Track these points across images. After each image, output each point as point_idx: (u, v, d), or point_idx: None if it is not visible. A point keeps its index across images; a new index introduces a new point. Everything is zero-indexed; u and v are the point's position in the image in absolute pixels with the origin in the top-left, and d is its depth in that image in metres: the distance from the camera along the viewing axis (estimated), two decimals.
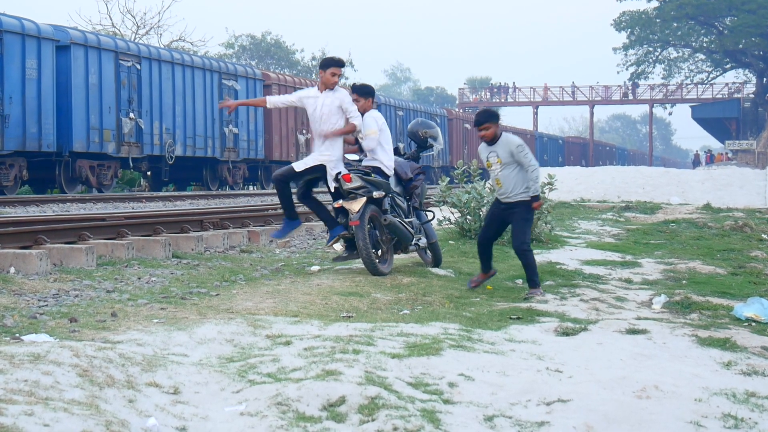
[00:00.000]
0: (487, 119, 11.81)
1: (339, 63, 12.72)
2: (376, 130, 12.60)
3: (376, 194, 12.29)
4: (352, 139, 12.83)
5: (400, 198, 12.99)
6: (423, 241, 13.26)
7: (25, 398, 5.62)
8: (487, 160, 11.92)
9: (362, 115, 12.64)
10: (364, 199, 12.23)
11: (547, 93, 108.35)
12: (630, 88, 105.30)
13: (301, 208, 13.95)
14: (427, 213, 13.80)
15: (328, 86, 12.52)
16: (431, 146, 13.68)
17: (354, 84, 13.22)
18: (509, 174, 11.73)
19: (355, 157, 12.80)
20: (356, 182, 12.28)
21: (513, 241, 11.87)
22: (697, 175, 36.31)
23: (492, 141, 11.82)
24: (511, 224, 11.96)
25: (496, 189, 11.98)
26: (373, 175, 12.48)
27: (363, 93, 12.90)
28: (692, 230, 21.02)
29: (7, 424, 5.10)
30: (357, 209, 12.20)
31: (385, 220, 12.45)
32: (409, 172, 13.19)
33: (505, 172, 11.75)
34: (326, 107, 12.48)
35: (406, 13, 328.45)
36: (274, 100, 13.25)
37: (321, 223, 19.88)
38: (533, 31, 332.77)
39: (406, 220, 12.90)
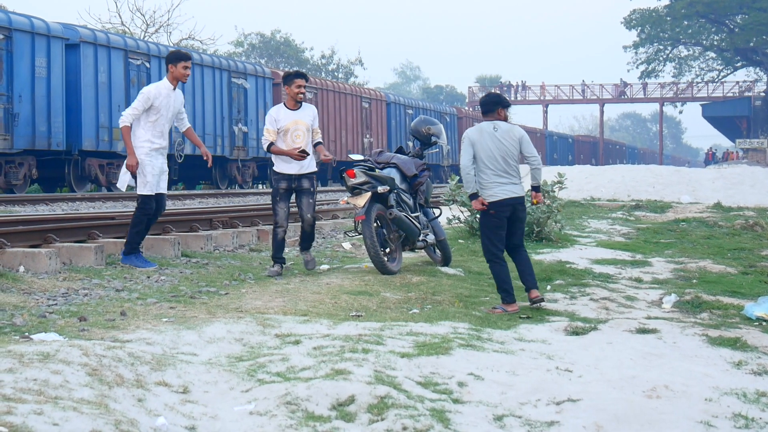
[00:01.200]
0: (499, 104, 11.11)
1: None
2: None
3: (380, 189, 12.28)
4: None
5: (405, 194, 12.97)
6: (431, 237, 13.25)
7: (34, 397, 5.62)
8: None
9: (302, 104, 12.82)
10: (369, 194, 12.23)
11: (557, 91, 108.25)
12: (624, 87, 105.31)
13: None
14: (434, 210, 13.79)
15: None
16: (435, 143, 13.65)
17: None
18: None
19: (360, 157, 12.79)
20: (360, 178, 12.28)
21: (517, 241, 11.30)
22: (708, 174, 36.26)
23: None
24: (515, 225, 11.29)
25: None
26: (377, 170, 12.48)
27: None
28: (703, 229, 20.99)
29: (17, 423, 5.10)
30: (362, 204, 12.20)
31: (390, 214, 12.43)
32: (414, 169, 13.17)
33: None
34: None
35: (416, 11, 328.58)
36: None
37: (330, 222, 19.89)
38: (542, 26, 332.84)
39: (413, 215, 12.88)
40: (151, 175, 12.45)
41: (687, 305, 11.19)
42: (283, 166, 12.62)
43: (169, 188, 39.03)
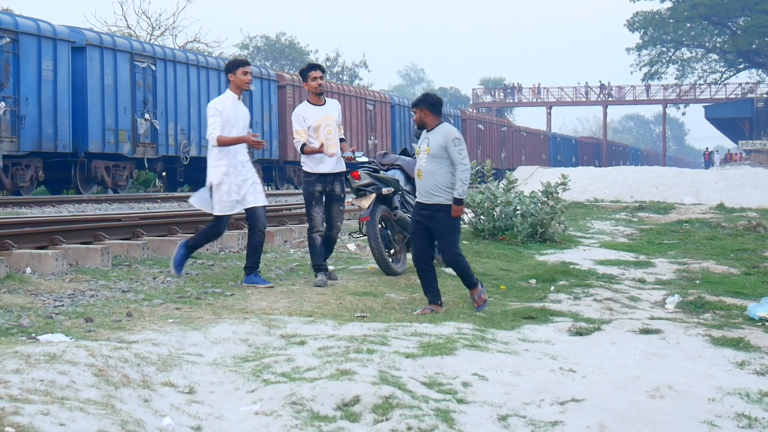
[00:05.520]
0: (417, 103, 10.82)
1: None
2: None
3: (385, 191, 12.31)
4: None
5: (410, 196, 12.97)
6: None
7: (41, 398, 5.65)
8: (418, 147, 10.74)
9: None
10: (374, 195, 12.25)
11: (560, 93, 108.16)
12: (610, 89, 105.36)
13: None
14: None
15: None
16: None
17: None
18: (434, 169, 10.43)
19: (365, 159, 12.80)
20: (365, 179, 12.30)
21: (442, 254, 10.74)
22: (711, 175, 36.20)
23: (424, 126, 10.76)
24: (436, 236, 10.54)
25: (417, 182, 10.72)
26: (381, 172, 12.51)
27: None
28: (706, 230, 20.99)
29: (24, 424, 5.13)
30: (367, 205, 12.23)
31: (394, 215, 12.46)
32: None
33: (429, 165, 10.46)
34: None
35: (420, 13, 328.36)
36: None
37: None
38: (546, 27, 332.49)
39: None
40: (227, 194, 11.59)
41: (690, 306, 11.20)
42: (315, 166, 11.99)
43: (174, 190, 39.10)
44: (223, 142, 11.52)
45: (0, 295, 9.89)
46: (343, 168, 12.18)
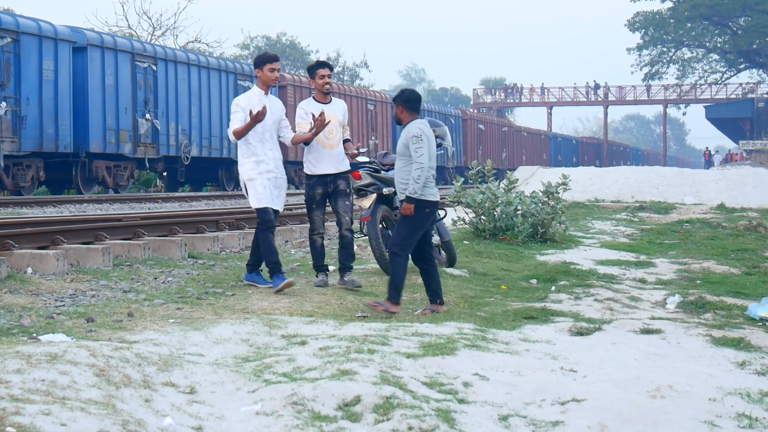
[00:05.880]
0: (394, 99, 10.69)
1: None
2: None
3: (385, 191, 12.30)
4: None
5: None
6: (436, 239, 13.26)
7: (42, 398, 5.66)
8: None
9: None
10: (374, 195, 12.26)
11: (561, 93, 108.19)
12: (596, 89, 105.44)
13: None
14: (439, 212, 13.79)
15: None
16: (440, 145, 13.64)
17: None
18: (400, 166, 10.45)
19: (366, 159, 12.78)
20: (366, 179, 12.30)
21: (389, 243, 10.73)
22: (711, 175, 36.19)
23: (400, 122, 10.63)
24: (397, 222, 10.61)
25: None
26: (382, 172, 12.50)
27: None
28: (706, 230, 20.99)
29: (25, 424, 5.14)
30: (368, 205, 12.24)
31: (395, 215, 12.47)
32: None
33: (398, 163, 10.51)
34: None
35: (420, 13, 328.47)
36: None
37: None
38: (547, 27, 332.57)
39: None
40: (262, 186, 11.11)
41: (691, 306, 11.20)
42: (317, 167, 11.68)
43: (175, 190, 39.13)
44: (238, 133, 11.15)
45: (1, 295, 9.90)
46: (347, 167, 11.96)
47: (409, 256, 10.52)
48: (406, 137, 10.33)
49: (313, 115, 11.33)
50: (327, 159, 11.68)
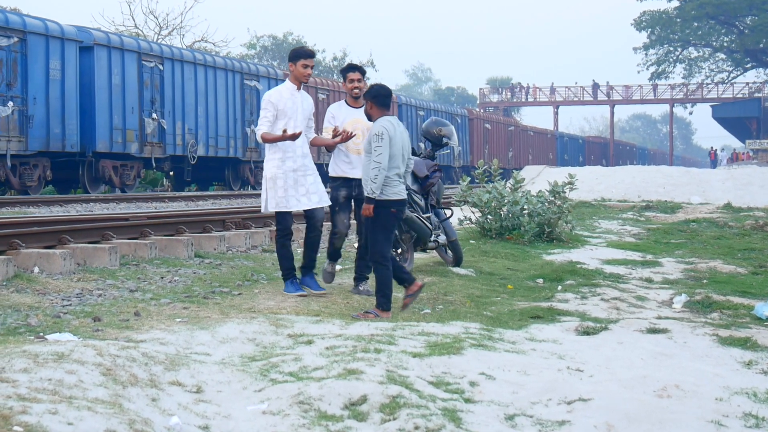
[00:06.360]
0: (364, 94, 10.43)
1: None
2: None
3: None
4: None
5: (417, 195, 12.94)
6: (442, 238, 13.26)
7: (49, 397, 5.67)
8: None
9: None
10: None
11: (567, 92, 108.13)
12: (596, 88, 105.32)
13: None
14: (446, 211, 13.79)
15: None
16: (446, 144, 13.61)
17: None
18: (365, 164, 10.13)
19: None
20: None
21: (369, 255, 10.34)
22: (718, 175, 36.20)
23: (371, 118, 10.35)
24: (366, 231, 10.35)
25: None
26: None
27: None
28: (713, 230, 20.98)
29: (32, 423, 5.15)
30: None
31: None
32: (425, 170, 13.13)
33: (364, 160, 10.22)
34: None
35: (427, 12, 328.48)
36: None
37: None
38: (553, 25, 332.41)
39: (424, 216, 12.86)
40: (283, 189, 10.75)
41: (697, 305, 11.19)
42: (342, 169, 11.42)
43: (181, 189, 39.13)
44: (265, 140, 10.85)
45: (8, 294, 9.92)
46: None
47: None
48: (369, 134, 10.13)
49: (336, 128, 10.97)
50: (353, 163, 11.38)
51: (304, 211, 10.98)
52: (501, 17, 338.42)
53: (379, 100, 10.22)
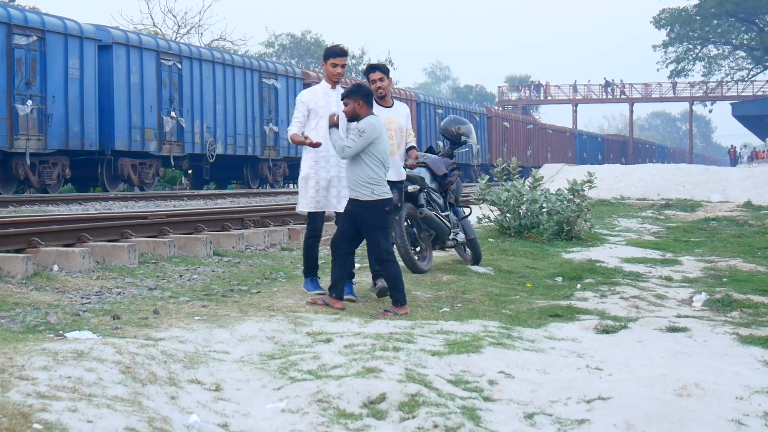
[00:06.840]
0: (349, 94, 10.11)
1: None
2: None
3: (410, 188, 12.26)
4: None
5: (435, 193, 12.92)
6: (461, 236, 13.24)
7: (68, 395, 5.67)
8: None
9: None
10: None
11: (586, 91, 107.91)
12: (608, 86, 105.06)
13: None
14: (464, 209, 13.77)
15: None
16: (465, 143, 13.58)
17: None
18: (352, 163, 10.02)
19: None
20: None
21: (369, 253, 10.46)
22: (738, 173, 36.09)
23: (356, 118, 10.07)
24: (365, 236, 10.21)
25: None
26: (407, 169, 12.45)
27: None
28: (733, 228, 20.91)
29: (52, 420, 5.16)
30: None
31: (420, 213, 12.42)
32: (444, 168, 13.11)
33: (350, 159, 10.06)
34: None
35: (445, 10, 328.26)
36: None
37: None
38: (571, 20, 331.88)
39: (443, 214, 12.85)
40: (315, 189, 10.64)
41: (717, 304, 11.15)
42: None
43: (200, 188, 39.20)
44: (293, 142, 10.77)
45: (28, 292, 9.95)
46: (402, 177, 11.64)
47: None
48: (356, 126, 9.99)
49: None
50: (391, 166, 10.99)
51: (336, 214, 10.84)
52: (518, 14, 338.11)
53: (369, 98, 10.19)
